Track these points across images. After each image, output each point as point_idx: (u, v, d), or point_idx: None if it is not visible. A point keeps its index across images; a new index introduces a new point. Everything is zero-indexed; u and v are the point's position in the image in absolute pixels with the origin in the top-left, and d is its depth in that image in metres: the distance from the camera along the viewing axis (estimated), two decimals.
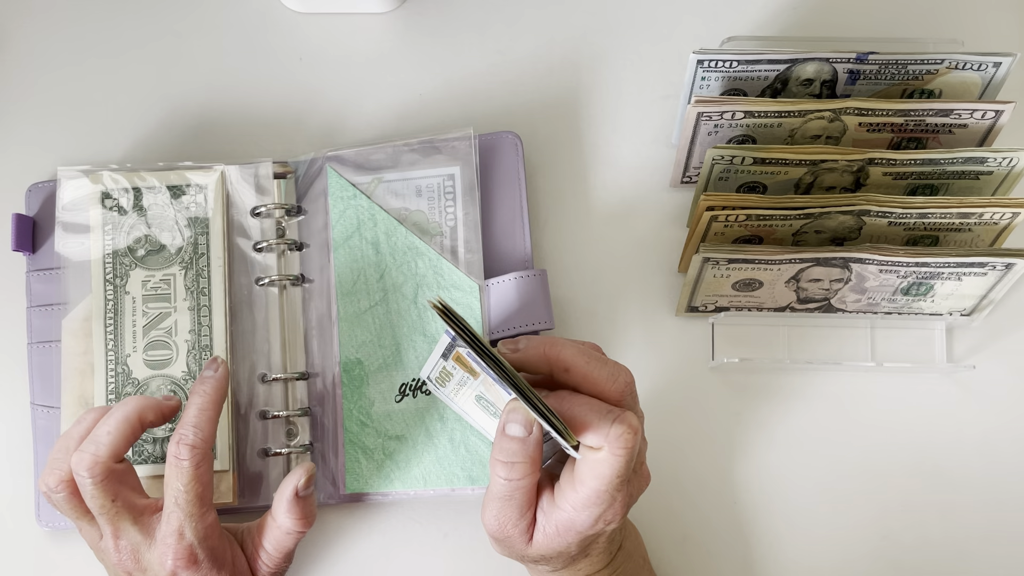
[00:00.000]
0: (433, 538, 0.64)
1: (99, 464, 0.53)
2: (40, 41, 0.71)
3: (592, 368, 0.50)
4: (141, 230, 0.64)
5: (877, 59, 0.61)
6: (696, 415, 0.65)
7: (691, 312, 0.65)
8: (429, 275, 0.64)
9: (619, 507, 0.50)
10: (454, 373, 0.53)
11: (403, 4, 0.71)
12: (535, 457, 0.50)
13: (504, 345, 0.52)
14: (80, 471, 0.53)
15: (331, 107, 0.70)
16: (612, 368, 0.51)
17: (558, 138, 0.69)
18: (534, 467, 0.50)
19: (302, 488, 0.57)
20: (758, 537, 0.64)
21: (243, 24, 0.71)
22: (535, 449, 0.49)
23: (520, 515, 0.51)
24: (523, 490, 0.50)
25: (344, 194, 0.65)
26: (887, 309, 0.64)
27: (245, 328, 0.64)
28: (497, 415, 0.53)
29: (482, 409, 0.55)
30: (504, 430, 0.49)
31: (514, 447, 0.49)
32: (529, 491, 0.51)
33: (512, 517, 0.51)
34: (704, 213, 0.59)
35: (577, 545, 0.51)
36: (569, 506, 0.50)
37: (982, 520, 0.64)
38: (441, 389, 0.55)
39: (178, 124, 0.69)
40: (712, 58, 0.61)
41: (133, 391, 0.62)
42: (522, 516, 0.51)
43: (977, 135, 0.62)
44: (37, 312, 0.64)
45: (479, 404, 0.54)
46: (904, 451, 0.65)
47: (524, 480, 0.50)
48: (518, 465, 0.49)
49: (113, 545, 0.55)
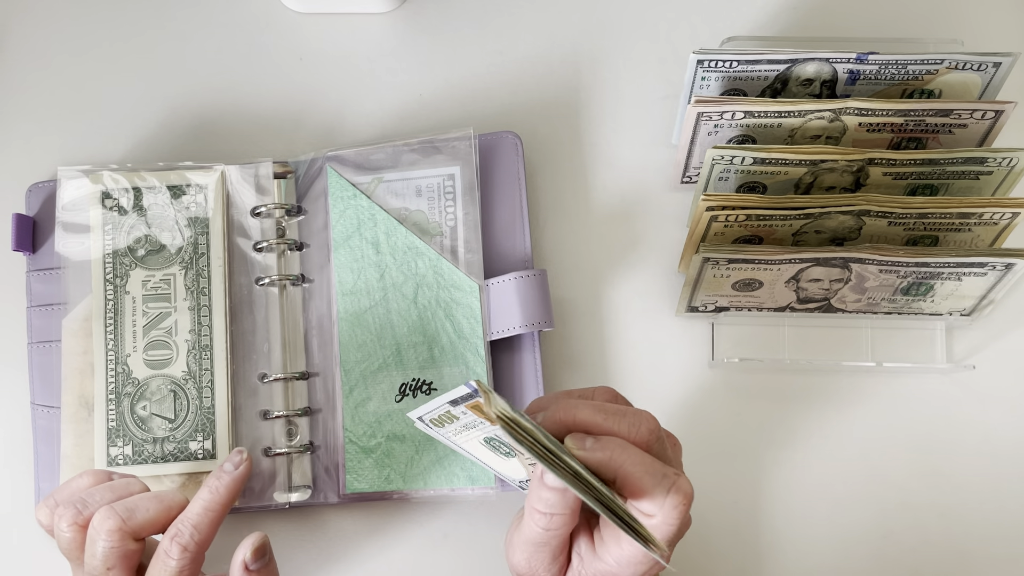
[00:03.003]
0: (433, 538, 0.64)
1: (121, 533, 0.51)
2: (40, 41, 0.71)
3: (611, 424, 0.47)
4: (141, 230, 0.64)
5: (877, 59, 0.61)
6: (696, 415, 0.65)
7: (691, 312, 0.65)
8: (429, 275, 0.64)
9: (664, 561, 0.47)
10: (461, 417, 0.48)
11: (403, 4, 0.71)
12: (575, 508, 0.47)
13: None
14: (100, 529, 0.51)
15: (331, 107, 0.70)
16: (632, 419, 0.48)
17: (558, 138, 0.69)
18: (573, 517, 0.47)
19: (250, 561, 0.52)
20: (758, 537, 0.64)
21: (243, 24, 0.71)
22: (575, 501, 0.47)
23: (553, 559, 0.49)
24: (560, 538, 0.48)
25: (344, 194, 0.65)
26: (887, 309, 0.64)
27: (245, 328, 0.64)
28: (509, 456, 0.50)
29: (491, 450, 0.51)
30: (543, 479, 0.46)
31: (554, 499, 0.46)
32: (565, 538, 0.48)
33: (545, 562, 0.49)
34: (704, 213, 0.59)
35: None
36: (613, 560, 0.47)
37: (982, 520, 0.64)
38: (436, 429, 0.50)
39: (178, 124, 0.69)
40: (712, 58, 0.61)
41: (133, 391, 0.62)
42: (555, 560, 0.49)
43: (977, 135, 0.62)
44: (37, 312, 0.64)
45: (489, 446, 0.50)
46: (904, 451, 0.65)
47: (563, 530, 0.47)
48: (557, 517, 0.47)
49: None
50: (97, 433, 0.61)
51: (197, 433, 0.62)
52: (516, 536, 0.50)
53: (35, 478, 0.63)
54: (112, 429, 0.61)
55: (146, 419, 0.62)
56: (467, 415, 0.47)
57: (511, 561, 0.50)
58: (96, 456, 0.61)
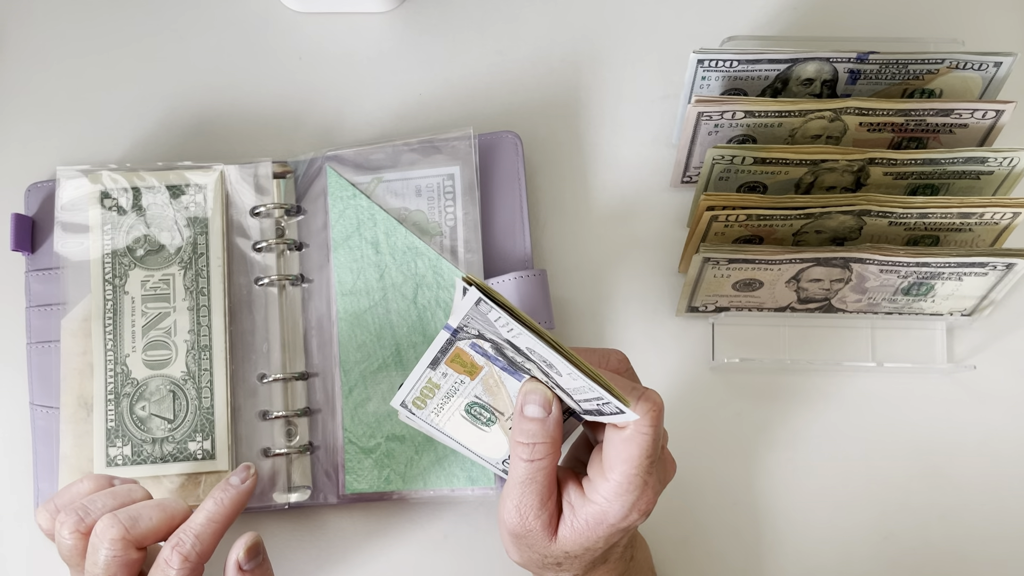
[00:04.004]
0: (433, 538, 0.64)
1: (124, 542, 0.51)
2: (40, 41, 0.71)
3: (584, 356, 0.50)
4: (140, 230, 0.64)
5: (877, 59, 0.61)
6: (696, 415, 0.65)
7: (691, 312, 0.65)
8: (429, 275, 0.64)
9: (650, 494, 0.49)
10: (441, 384, 0.52)
11: (403, 4, 0.71)
12: (556, 437, 0.49)
13: None
14: (103, 537, 0.51)
15: (331, 107, 0.70)
16: (601, 352, 0.51)
17: (558, 138, 0.69)
18: (555, 447, 0.49)
19: (243, 561, 0.53)
20: (758, 538, 0.64)
21: (243, 24, 0.71)
22: (555, 428, 0.49)
23: (542, 504, 0.50)
24: (544, 471, 0.50)
25: (344, 194, 0.65)
26: (887, 309, 0.64)
27: (244, 328, 0.64)
28: (490, 423, 0.53)
29: (471, 422, 0.53)
30: (523, 412, 0.49)
31: (534, 427, 0.49)
32: (550, 474, 0.50)
33: (534, 505, 0.50)
34: (704, 213, 0.59)
35: (604, 541, 0.50)
36: (601, 497, 0.49)
37: (983, 520, 0.64)
38: (418, 412, 0.53)
39: (178, 124, 0.69)
40: (712, 58, 0.61)
41: (132, 391, 0.62)
42: (543, 505, 0.50)
43: (978, 135, 0.62)
44: (36, 312, 0.64)
45: (468, 416, 0.53)
46: (904, 451, 0.65)
47: (545, 460, 0.49)
48: (539, 446, 0.49)
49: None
50: (96, 433, 0.61)
51: (196, 433, 0.61)
52: (504, 491, 0.51)
53: (34, 478, 0.63)
54: (111, 429, 0.61)
55: (145, 419, 0.61)
56: (448, 376, 0.50)
57: (504, 519, 0.51)
58: (95, 456, 0.61)
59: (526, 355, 0.48)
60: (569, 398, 0.49)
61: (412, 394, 0.52)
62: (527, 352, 0.48)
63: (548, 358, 0.47)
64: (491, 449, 0.53)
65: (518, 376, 0.50)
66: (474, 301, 0.46)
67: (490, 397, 0.52)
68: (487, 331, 0.48)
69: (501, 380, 0.51)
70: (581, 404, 0.49)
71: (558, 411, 0.49)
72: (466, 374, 0.51)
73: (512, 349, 0.48)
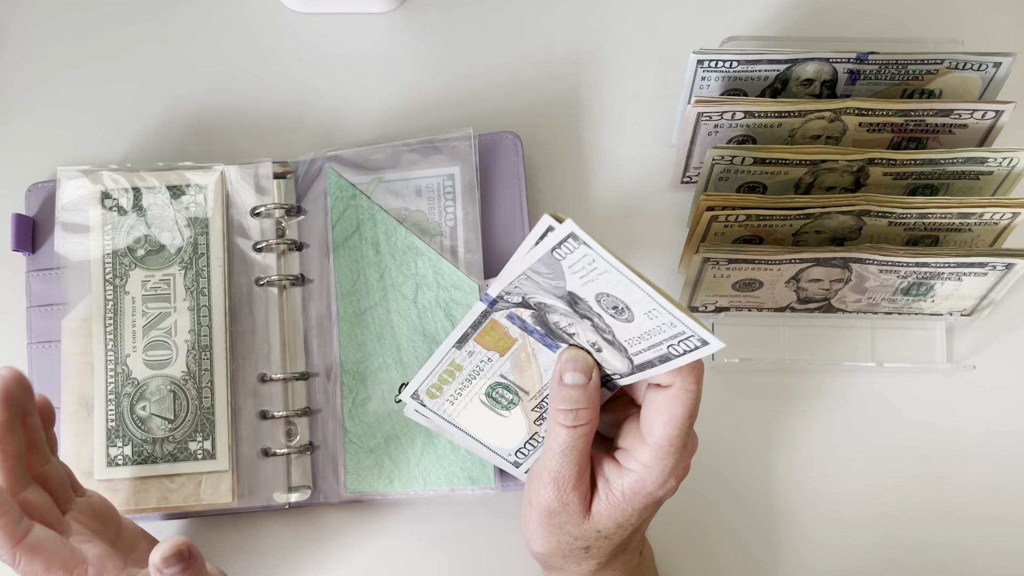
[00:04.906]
0: (433, 538, 0.64)
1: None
2: (40, 41, 0.71)
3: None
4: (141, 230, 0.64)
5: (877, 59, 0.61)
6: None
7: (691, 312, 0.65)
8: (429, 275, 0.64)
9: (687, 459, 0.49)
10: (464, 365, 0.50)
11: (403, 4, 0.71)
12: (597, 402, 0.49)
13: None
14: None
15: (331, 107, 0.70)
16: None
17: (558, 138, 0.69)
18: (596, 413, 0.49)
19: (160, 565, 0.46)
20: (759, 537, 0.64)
21: (243, 24, 0.71)
22: (595, 394, 0.49)
23: (580, 474, 0.50)
24: (586, 439, 0.50)
25: (344, 194, 0.65)
26: (887, 309, 0.64)
27: (245, 328, 0.64)
28: (511, 405, 0.52)
29: (489, 407, 0.52)
30: (562, 379, 0.49)
31: (576, 393, 0.49)
32: (589, 443, 0.50)
33: (572, 477, 0.50)
34: (704, 213, 0.59)
35: (638, 515, 0.50)
36: (639, 464, 0.49)
37: (982, 520, 0.64)
38: (429, 403, 0.51)
39: (178, 124, 0.69)
40: (712, 58, 0.61)
41: (132, 391, 0.62)
42: (581, 476, 0.50)
43: (977, 135, 0.62)
44: (37, 312, 0.64)
45: (488, 400, 0.52)
46: (904, 451, 0.65)
47: (588, 426, 0.49)
48: (582, 411, 0.49)
49: None
50: (97, 433, 0.61)
51: (197, 433, 0.62)
52: (535, 467, 0.51)
53: None
54: (112, 429, 0.61)
55: (146, 419, 0.62)
56: (474, 355, 0.49)
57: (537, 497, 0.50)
58: (96, 456, 0.61)
59: (583, 312, 0.47)
60: (622, 355, 0.48)
61: (429, 381, 0.50)
62: (588, 306, 0.46)
63: (626, 299, 0.45)
64: (505, 438, 0.53)
65: (555, 347, 0.49)
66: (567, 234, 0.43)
67: (517, 375, 0.51)
68: (536, 293, 0.47)
69: (534, 353, 0.50)
70: (643, 355, 0.48)
71: (598, 377, 0.49)
72: (496, 350, 0.50)
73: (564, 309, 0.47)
